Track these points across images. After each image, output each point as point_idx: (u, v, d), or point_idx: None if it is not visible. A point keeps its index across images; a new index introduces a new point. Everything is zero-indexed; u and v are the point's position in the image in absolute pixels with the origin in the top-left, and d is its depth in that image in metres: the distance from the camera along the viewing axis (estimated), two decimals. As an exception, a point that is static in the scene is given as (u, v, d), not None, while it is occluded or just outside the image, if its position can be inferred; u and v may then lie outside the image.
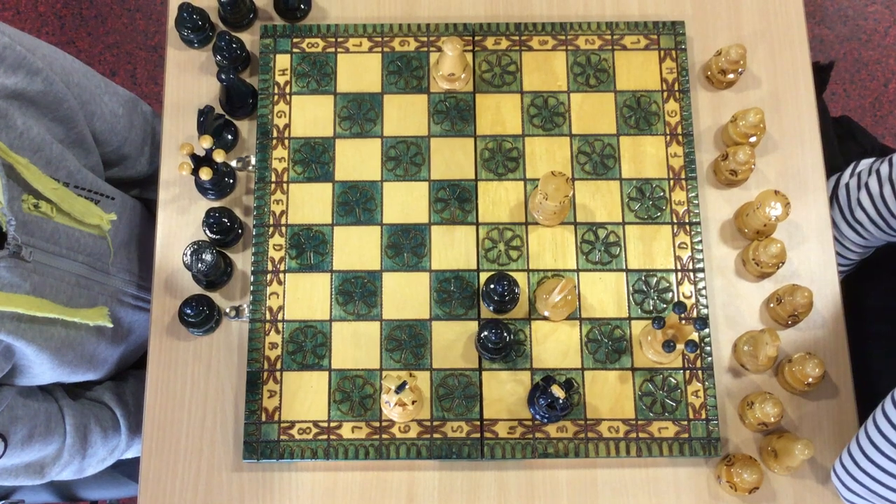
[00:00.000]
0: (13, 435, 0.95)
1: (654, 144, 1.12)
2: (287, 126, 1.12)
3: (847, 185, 1.15)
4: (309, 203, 1.09)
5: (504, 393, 1.03)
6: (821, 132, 1.14)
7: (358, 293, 1.06)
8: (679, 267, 1.07)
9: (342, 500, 1.01)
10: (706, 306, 1.06)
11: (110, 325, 1.03)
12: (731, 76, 1.13)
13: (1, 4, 2.16)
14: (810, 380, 1.00)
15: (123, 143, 1.15)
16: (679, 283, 1.07)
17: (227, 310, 1.06)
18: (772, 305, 1.06)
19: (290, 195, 1.09)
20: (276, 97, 1.13)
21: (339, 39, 1.15)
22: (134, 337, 1.16)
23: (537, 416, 1.01)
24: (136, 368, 1.24)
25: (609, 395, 1.03)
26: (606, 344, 1.05)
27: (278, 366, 1.04)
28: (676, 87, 1.14)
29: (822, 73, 1.35)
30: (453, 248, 1.08)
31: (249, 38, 1.17)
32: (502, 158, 1.11)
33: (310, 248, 1.08)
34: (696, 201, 1.09)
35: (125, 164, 1.19)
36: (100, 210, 1.03)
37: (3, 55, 0.91)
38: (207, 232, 1.07)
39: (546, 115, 1.13)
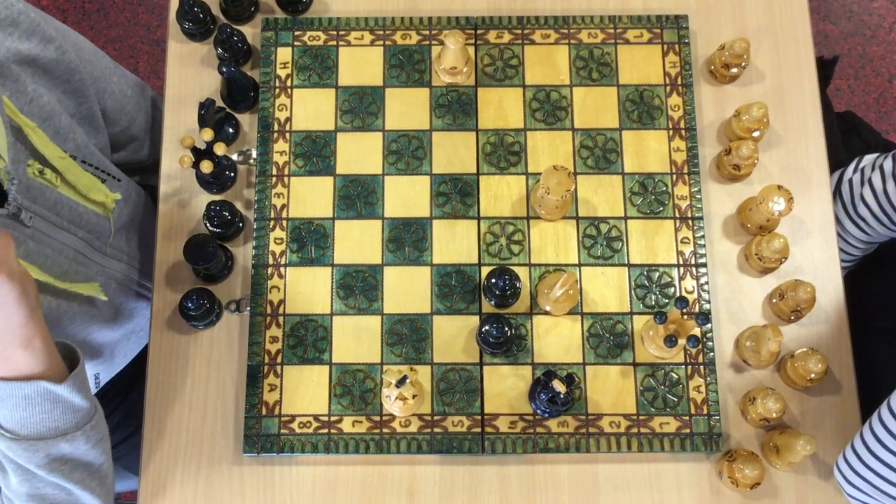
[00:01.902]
0: None
1: (656, 139, 1.11)
2: (288, 119, 1.12)
3: (850, 181, 1.15)
4: (310, 197, 1.09)
5: (505, 387, 1.03)
6: (824, 127, 1.14)
7: (359, 287, 1.06)
8: (681, 262, 1.07)
9: (342, 494, 1.01)
10: (708, 301, 1.05)
11: (104, 298, 1.00)
12: (734, 70, 1.13)
13: (3, -2, 2.16)
14: (812, 375, 1.00)
15: (132, 123, 1.15)
16: (681, 278, 1.06)
17: (228, 303, 1.06)
18: (774, 301, 1.05)
19: (291, 189, 1.09)
20: (277, 90, 1.13)
21: (341, 33, 1.15)
22: (132, 325, 1.15)
23: (538, 411, 1.01)
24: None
25: (610, 390, 1.03)
26: (608, 339, 1.04)
27: (279, 360, 1.04)
28: (679, 82, 1.13)
29: (825, 69, 1.35)
30: (455, 243, 1.08)
31: (251, 31, 1.17)
32: (504, 152, 1.11)
33: (311, 241, 1.07)
34: (698, 196, 1.09)
35: (132, 147, 1.19)
36: (105, 188, 1.01)
37: (17, 20, 0.91)
38: (208, 225, 1.06)
39: (548, 109, 1.12)
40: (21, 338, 0.79)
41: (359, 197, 1.09)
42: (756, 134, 1.09)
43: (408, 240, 1.08)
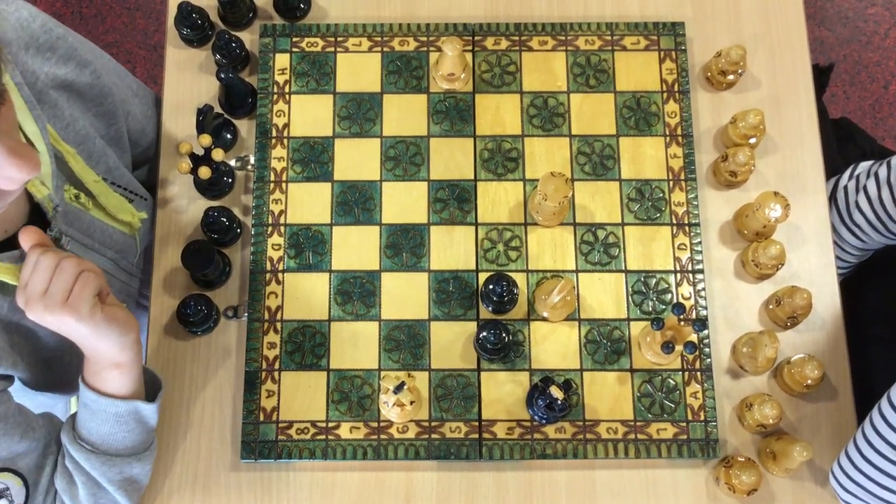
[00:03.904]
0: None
1: (653, 145, 1.11)
2: (286, 125, 1.12)
3: (845, 188, 1.15)
4: (308, 203, 1.09)
5: (502, 394, 1.03)
6: (820, 134, 1.14)
7: (357, 293, 1.06)
8: (678, 268, 1.07)
9: (340, 500, 1.01)
10: (705, 308, 1.06)
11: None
12: (730, 77, 1.13)
13: (0, 3, 2.15)
14: (809, 381, 1.00)
15: (151, 144, 1.16)
16: (678, 285, 1.07)
17: (226, 309, 1.06)
18: (771, 307, 1.06)
19: (289, 195, 1.09)
20: (275, 96, 1.13)
21: (339, 39, 1.15)
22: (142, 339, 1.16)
23: (536, 417, 1.01)
24: None
25: (608, 396, 1.03)
26: (605, 345, 1.05)
27: (276, 366, 1.03)
28: (676, 88, 1.13)
29: (821, 76, 1.35)
30: (452, 249, 1.08)
31: (249, 38, 1.17)
32: (502, 159, 1.11)
33: (308, 247, 1.07)
34: (695, 202, 1.09)
35: (148, 167, 1.19)
36: (132, 208, 1.03)
37: (55, 45, 0.92)
38: (206, 231, 1.06)
39: (546, 115, 1.13)
40: (112, 362, 0.88)
41: (356, 203, 1.09)
42: (752, 141, 1.10)
43: (405, 246, 1.08)
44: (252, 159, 1.11)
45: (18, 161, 0.69)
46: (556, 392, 0.95)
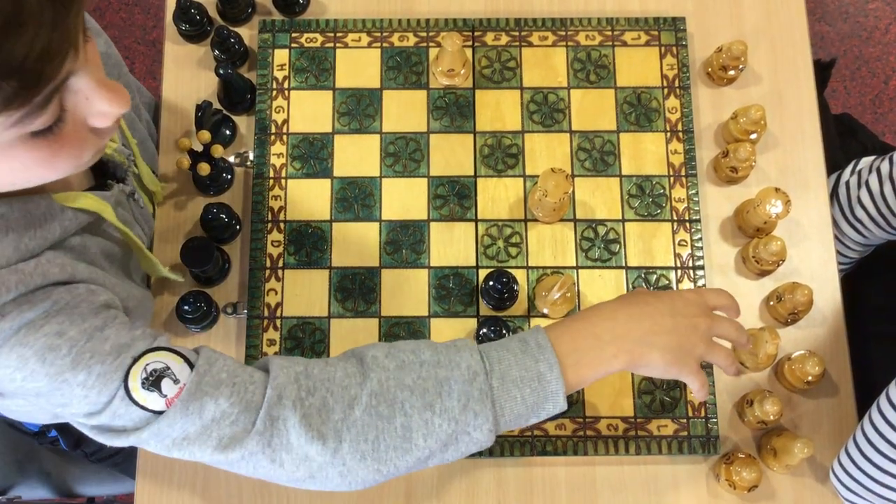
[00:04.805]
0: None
1: (654, 141, 1.11)
2: (285, 121, 1.11)
3: (847, 183, 1.15)
4: (307, 199, 1.09)
5: (503, 390, 1.03)
6: (822, 130, 1.14)
7: (357, 290, 1.06)
8: (679, 264, 1.07)
9: (339, 497, 1.01)
10: (706, 304, 1.05)
11: (181, 280, 1.03)
12: (731, 73, 1.13)
13: (-2, -2, 2.15)
14: (810, 378, 1.00)
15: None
16: (679, 281, 1.06)
17: (225, 306, 1.06)
18: (772, 303, 1.05)
19: (288, 191, 1.09)
20: (274, 92, 1.12)
21: (338, 34, 1.15)
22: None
23: (536, 414, 1.01)
24: None
25: (608, 392, 1.03)
26: (606, 341, 1.04)
27: (276, 362, 1.03)
28: (677, 84, 1.13)
29: (823, 71, 1.35)
30: (452, 245, 1.07)
31: (248, 33, 1.16)
32: (502, 155, 1.11)
33: (308, 244, 1.07)
34: (696, 198, 1.09)
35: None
36: (155, 178, 1.02)
37: None
38: (205, 228, 1.06)
39: (546, 111, 1.12)
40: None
41: (356, 199, 1.09)
42: (753, 136, 1.09)
43: (405, 242, 1.07)
44: (251, 155, 1.10)
45: (109, 94, 0.66)
46: (556, 389, 0.94)
